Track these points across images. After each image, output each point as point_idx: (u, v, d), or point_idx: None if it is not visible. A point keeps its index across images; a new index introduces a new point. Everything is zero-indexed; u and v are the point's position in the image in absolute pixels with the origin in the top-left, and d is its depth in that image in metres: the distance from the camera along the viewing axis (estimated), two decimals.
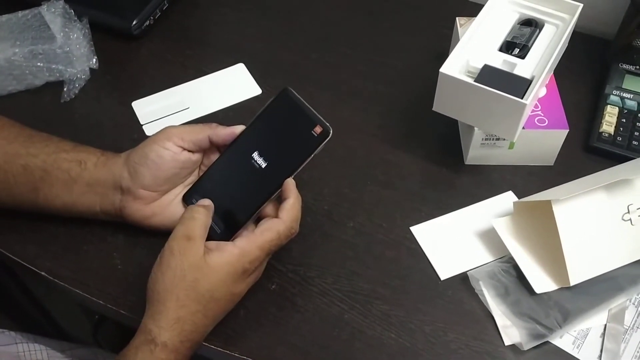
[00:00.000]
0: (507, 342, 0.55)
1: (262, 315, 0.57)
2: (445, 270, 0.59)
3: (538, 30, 0.66)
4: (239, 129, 0.57)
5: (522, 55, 0.63)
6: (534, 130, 0.63)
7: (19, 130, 0.59)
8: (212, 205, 0.55)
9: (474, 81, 0.60)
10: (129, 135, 0.69)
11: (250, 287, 0.54)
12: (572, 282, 0.56)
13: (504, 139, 0.64)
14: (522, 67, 0.62)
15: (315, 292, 0.58)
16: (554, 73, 0.67)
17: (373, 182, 0.66)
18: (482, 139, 0.64)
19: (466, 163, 0.67)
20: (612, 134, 0.68)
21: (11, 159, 0.57)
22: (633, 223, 0.57)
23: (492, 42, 0.65)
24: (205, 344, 0.55)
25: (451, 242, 0.61)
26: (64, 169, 0.57)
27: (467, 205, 0.64)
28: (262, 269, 0.55)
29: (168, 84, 0.75)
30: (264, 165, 0.55)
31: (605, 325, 0.56)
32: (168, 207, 0.58)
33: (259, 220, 0.55)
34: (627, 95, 0.70)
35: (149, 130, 0.70)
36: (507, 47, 0.64)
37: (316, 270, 0.59)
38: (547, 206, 0.56)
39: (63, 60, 0.73)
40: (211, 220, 0.54)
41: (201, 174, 0.59)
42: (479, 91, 0.59)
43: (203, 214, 0.53)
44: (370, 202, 0.64)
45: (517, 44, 0.64)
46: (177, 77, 0.75)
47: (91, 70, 0.75)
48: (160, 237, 0.53)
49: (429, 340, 0.55)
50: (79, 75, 0.73)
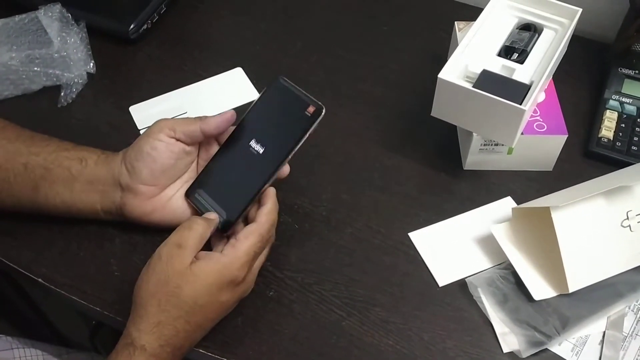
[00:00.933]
0: (505, 349, 0.55)
1: (259, 322, 0.56)
2: (443, 276, 0.59)
3: (537, 35, 0.65)
4: (228, 114, 0.56)
5: (521, 60, 0.63)
6: (533, 136, 0.63)
7: (20, 131, 0.60)
8: (217, 219, 0.55)
9: (473, 87, 0.60)
10: (126, 140, 0.68)
11: (245, 296, 0.54)
12: (571, 289, 0.55)
13: (502, 145, 0.64)
14: (521, 72, 0.62)
15: (313, 299, 0.58)
16: (553, 78, 0.67)
17: (371, 187, 0.66)
18: (481, 145, 0.64)
19: (465, 168, 0.67)
20: (612, 139, 0.67)
21: (12, 158, 0.57)
22: (632, 229, 0.57)
23: (491, 46, 0.65)
24: (202, 351, 0.54)
25: (449, 248, 0.61)
26: (65, 166, 0.57)
27: (465, 211, 0.64)
28: (251, 278, 0.54)
29: (165, 88, 0.74)
30: (261, 150, 0.56)
31: (604, 332, 0.56)
32: (168, 202, 0.58)
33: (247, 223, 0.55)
34: (627, 100, 0.70)
35: None
36: (506, 51, 0.64)
37: (314, 277, 0.59)
38: (545, 212, 0.55)
39: (60, 64, 0.72)
40: (209, 234, 0.54)
41: (201, 170, 0.59)
42: (478, 97, 0.59)
43: (202, 226, 0.53)
44: (368, 208, 0.64)
45: (515, 48, 0.64)
46: (175, 81, 0.75)
47: (88, 74, 0.75)
48: (157, 243, 0.53)
49: (427, 347, 0.55)
50: (76, 80, 0.73)
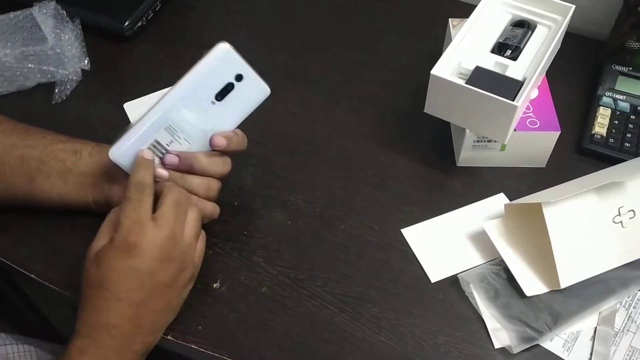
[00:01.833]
0: (497, 345, 0.55)
1: (252, 318, 0.56)
2: (435, 272, 0.59)
3: (530, 32, 0.65)
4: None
5: (514, 57, 0.63)
6: (526, 132, 0.63)
7: (15, 124, 0.60)
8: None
9: (466, 83, 0.60)
10: None
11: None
12: (563, 285, 0.56)
13: (495, 141, 0.64)
14: (514, 69, 0.62)
15: (306, 295, 0.58)
16: (546, 74, 0.67)
17: (365, 183, 0.66)
18: (474, 141, 0.64)
19: (458, 165, 0.67)
20: (605, 135, 0.67)
21: (8, 150, 0.58)
22: (624, 225, 0.57)
23: (484, 43, 0.65)
24: (195, 347, 0.55)
25: (442, 244, 0.61)
26: (60, 158, 0.58)
27: (458, 207, 0.64)
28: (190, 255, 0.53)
29: (160, 85, 0.73)
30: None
31: (596, 328, 0.56)
32: None
33: None
34: (620, 97, 0.70)
35: None
36: (499, 48, 0.64)
37: (307, 273, 0.59)
38: (538, 209, 0.56)
39: (54, 61, 0.72)
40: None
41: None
42: (470, 93, 0.59)
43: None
44: (362, 204, 0.64)
45: (509, 45, 0.64)
46: (170, 78, 0.73)
47: (83, 71, 0.75)
48: None
49: (419, 343, 0.55)
50: (70, 77, 0.73)
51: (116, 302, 0.50)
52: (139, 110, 0.72)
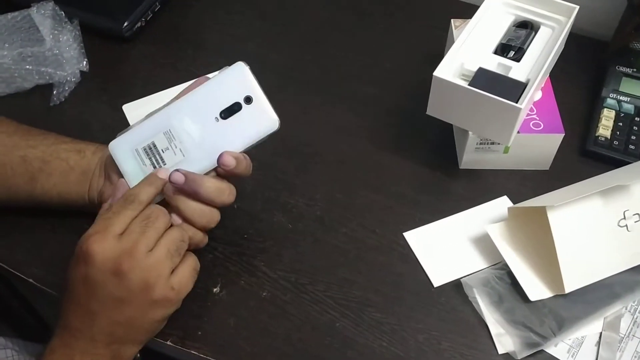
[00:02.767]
0: (500, 350, 0.54)
1: (252, 323, 0.56)
2: (438, 277, 0.58)
3: (534, 33, 0.65)
4: (200, 81, 0.54)
5: (518, 58, 0.62)
6: (529, 135, 0.62)
7: (17, 125, 0.60)
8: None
9: (468, 85, 0.59)
10: None
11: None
12: (567, 290, 0.55)
13: (498, 143, 0.63)
14: (517, 70, 0.61)
15: (307, 300, 0.57)
16: (549, 76, 0.66)
17: (366, 186, 0.65)
18: (477, 143, 0.63)
19: (460, 167, 0.66)
20: (609, 137, 0.67)
21: (10, 151, 0.58)
22: (629, 229, 0.57)
23: (487, 44, 0.64)
24: (195, 352, 0.54)
25: (445, 248, 0.60)
26: (63, 157, 0.57)
27: (461, 211, 0.63)
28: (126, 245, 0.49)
29: (159, 86, 0.74)
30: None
31: (601, 333, 0.55)
32: None
33: None
34: (624, 99, 0.69)
35: None
36: (502, 49, 0.63)
37: (308, 278, 0.59)
38: (542, 212, 0.55)
39: (53, 62, 0.72)
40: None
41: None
42: (473, 95, 0.58)
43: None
44: (362, 208, 0.63)
45: (512, 46, 0.63)
46: (169, 79, 0.74)
47: (81, 72, 0.74)
48: None
49: (422, 348, 0.54)
50: (68, 78, 0.73)
51: (76, 306, 0.49)
52: (137, 111, 0.72)
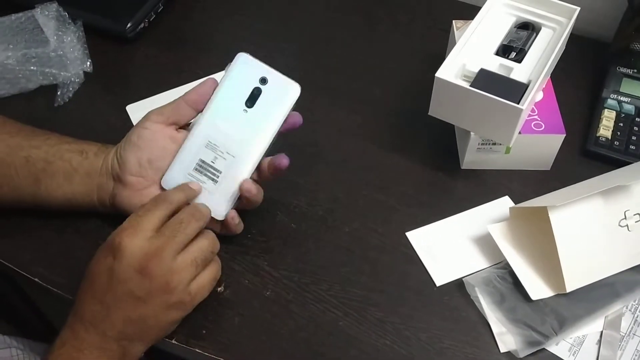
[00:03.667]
0: (502, 349, 0.55)
1: (256, 322, 0.56)
2: (440, 276, 0.59)
3: (535, 34, 0.65)
4: (208, 81, 0.57)
5: (519, 59, 0.63)
6: (531, 135, 0.63)
7: (20, 126, 0.61)
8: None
9: (470, 86, 0.60)
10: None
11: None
12: (569, 289, 0.55)
13: (500, 144, 0.64)
14: (519, 71, 0.62)
15: (310, 299, 0.58)
16: (550, 77, 0.67)
17: (368, 186, 0.66)
18: (478, 144, 0.64)
19: (462, 167, 0.67)
20: (610, 138, 0.67)
21: (13, 152, 0.58)
22: (630, 229, 0.57)
23: (489, 45, 0.64)
24: (199, 351, 0.54)
25: (447, 247, 0.61)
26: (66, 159, 0.58)
27: (463, 210, 0.63)
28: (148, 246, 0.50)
29: (163, 87, 0.74)
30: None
31: (602, 332, 0.56)
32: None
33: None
34: (625, 99, 0.70)
35: None
36: (504, 50, 0.64)
37: (311, 277, 0.59)
38: (543, 212, 0.55)
39: (57, 63, 0.72)
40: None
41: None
42: (475, 96, 0.58)
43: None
44: (365, 207, 0.64)
45: (513, 47, 0.64)
46: (172, 80, 0.75)
47: (85, 73, 0.74)
48: None
49: (424, 347, 0.55)
50: (72, 79, 0.73)
51: (92, 298, 0.50)
52: (141, 112, 0.72)
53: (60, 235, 0.61)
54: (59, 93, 0.72)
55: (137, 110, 0.72)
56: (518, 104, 0.57)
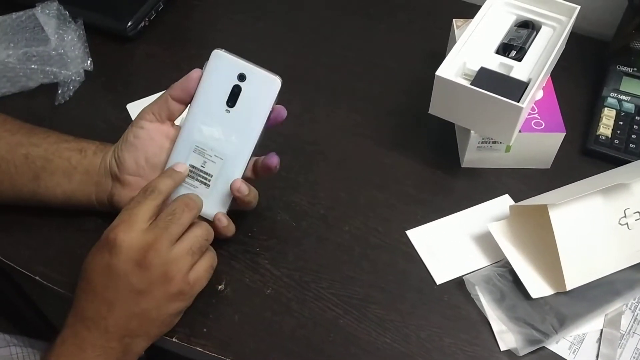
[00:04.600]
0: (502, 347, 0.55)
1: (256, 320, 0.56)
2: (441, 274, 0.59)
3: (535, 32, 0.65)
4: (192, 73, 0.55)
5: (519, 58, 0.63)
6: (531, 134, 0.63)
7: (20, 124, 0.61)
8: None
9: (470, 84, 0.60)
10: None
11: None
12: (569, 287, 0.55)
13: (500, 142, 0.64)
14: (519, 70, 0.62)
15: (310, 297, 0.58)
16: (551, 75, 0.67)
17: (369, 185, 0.66)
18: (479, 142, 0.64)
19: (462, 166, 0.67)
20: (610, 136, 0.67)
21: (13, 149, 0.58)
22: (630, 227, 0.57)
23: (489, 44, 0.64)
24: (200, 349, 0.54)
25: (447, 245, 0.61)
26: (65, 157, 0.58)
27: (463, 209, 0.63)
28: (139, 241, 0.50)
29: (163, 85, 0.73)
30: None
31: (602, 330, 0.56)
32: None
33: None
34: (625, 98, 0.70)
35: None
36: (504, 49, 0.64)
37: (311, 275, 0.59)
38: (543, 210, 0.55)
39: (57, 62, 0.72)
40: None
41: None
42: (475, 94, 0.58)
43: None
44: (365, 206, 0.64)
45: (513, 46, 0.64)
46: (173, 78, 0.73)
47: (86, 72, 0.74)
48: None
49: (424, 345, 0.55)
50: (73, 77, 0.73)
51: (92, 295, 0.50)
52: None
53: (61, 233, 0.61)
54: (59, 91, 0.72)
55: (137, 109, 0.71)
56: (518, 102, 0.57)
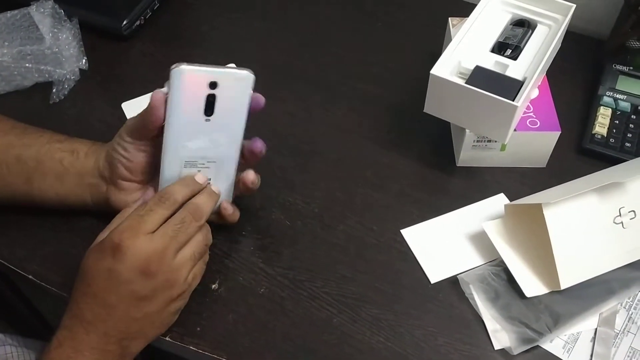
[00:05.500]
0: (497, 346, 0.55)
1: (250, 319, 0.56)
2: (435, 273, 0.59)
3: (531, 31, 0.65)
4: (154, 97, 0.52)
5: (514, 56, 0.63)
6: (526, 132, 0.63)
7: (13, 123, 0.60)
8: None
9: (466, 83, 0.60)
10: None
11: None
12: (563, 286, 0.55)
13: (495, 141, 0.64)
14: (514, 69, 0.62)
15: (305, 296, 0.58)
16: (546, 74, 0.67)
17: (364, 184, 0.66)
18: (474, 141, 0.64)
19: (458, 165, 0.67)
20: (605, 135, 0.67)
21: (5, 150, 0.57)
22: (625, 226, 0.57)
23: (484, 42, 0.64)
24: (193, 348, 0.54)
25: (442, 245, 0.61)
26: (56, 158, 0.57)
27: (458, 208, 0.63)
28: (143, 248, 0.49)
29: (158, 84, 0.73)
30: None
31: (596, 329, 0.56)
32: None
33: None
34: (621, 97, 0.70)
35: None
36: (499, 47, 0.64)
37: (306, 274, 0.59)
38: (538, 209, 0.55)
39: (52, 61, 0.72)
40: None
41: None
42: (470, 93, 0.58)
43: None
44: (361, 205, 0.64)
45: (509, 44, 0.64)
46: (167, 78, 0.75)
47: (81, 71, 0.74)
48: None
49: (419, 344, 0.55)
50: (68, 76, 0.73)
51: (92, 299, 0.49)
52: (136, 110, 0.72)
53: (56, 233, 0.61)
54: (54, 90, 0.72)
55: (132, 108, 0.72)
56: (513, 101, 0.57)
